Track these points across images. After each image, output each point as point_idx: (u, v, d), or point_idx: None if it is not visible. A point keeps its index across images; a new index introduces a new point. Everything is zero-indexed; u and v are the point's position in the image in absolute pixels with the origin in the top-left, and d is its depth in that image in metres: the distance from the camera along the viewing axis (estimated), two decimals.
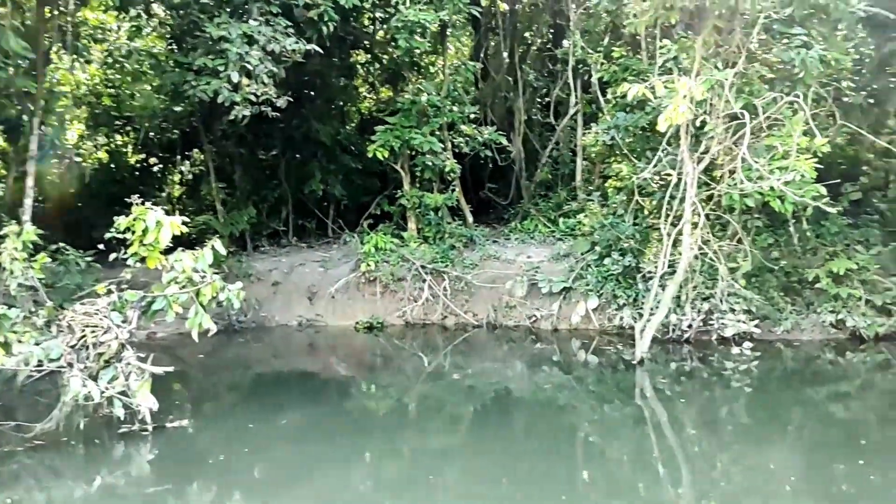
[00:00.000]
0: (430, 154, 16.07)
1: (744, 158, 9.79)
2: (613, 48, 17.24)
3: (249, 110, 11.91)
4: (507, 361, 13.55)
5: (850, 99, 13.06)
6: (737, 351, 12.52)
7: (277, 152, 19.01)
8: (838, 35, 12.86)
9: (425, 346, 14.45)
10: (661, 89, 9.54)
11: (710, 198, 11.40)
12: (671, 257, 12.00)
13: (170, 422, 8.49)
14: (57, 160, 16.93)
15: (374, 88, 22.68)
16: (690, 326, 13.11)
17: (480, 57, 21.13)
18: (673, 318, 12.90)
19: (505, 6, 21.22)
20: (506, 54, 21.64)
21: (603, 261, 14.38)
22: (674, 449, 9.03)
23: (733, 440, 9.30)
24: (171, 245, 8.55)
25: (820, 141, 10.78)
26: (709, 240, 11.25)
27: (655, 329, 11.91)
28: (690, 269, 11.74)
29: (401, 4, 14.78)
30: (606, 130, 15.48)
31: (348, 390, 11.96)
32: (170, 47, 14.66)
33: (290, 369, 13.49)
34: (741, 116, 10.06)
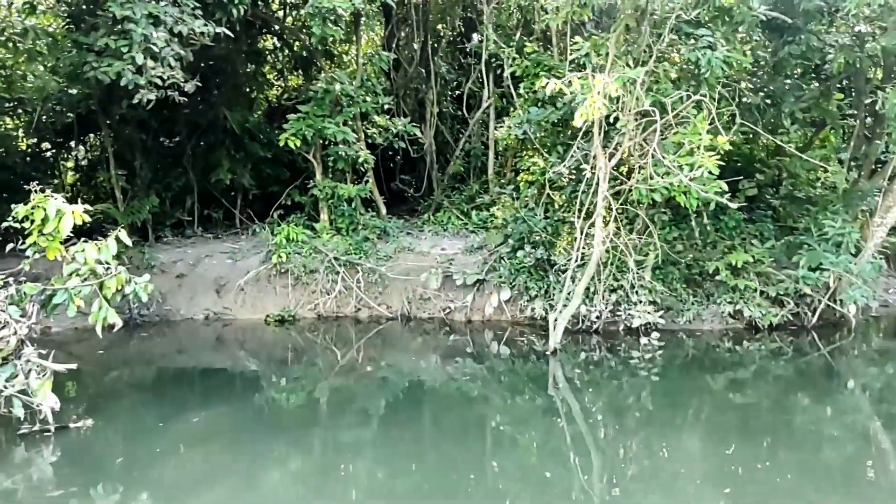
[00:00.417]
0: (343, 144, 15.84)
1: (654, 154, 10.11)
2: (525, 43, 17.45)
3: (155, 94, 11.35)
4: (421, 353, 13.54)
5: (748, 99, 13.71)
6: (645, 341, 13.01)
7: (182, 139, 18.26)
8: (738, 37, 13.51)
9: (338, 339, 14.24)
10: (577, 85, 9.72)
11: (619, 192, 11.72)
12: (582, 250, 12.31)
13: (73, 422, 8.02)
14: None
15: (282, 76, 22.18)
16: (599, 317, 13.53)
17: (392, 48, 21.00)
18: (583, 309, 13.26)
19: None
20: (416, 45, 21.60)
21: (516, 253, 14.59)
22: (584, 436, 9.28)
23: (640, 427, 9.62)
24: (68, 235, 8.08)
25: (722, 139, 11.28)
26: (620, 233, 11.58)
27: (563, 321, 12.17)
28: (601, 261, 12.05)
29: None
30: (519, 125, 15.66)
31: (260, 385, 11.64)
32: (67, 26, 13.79)
33: (199, 365, 13.01)
34: (652, 114, 10.39)
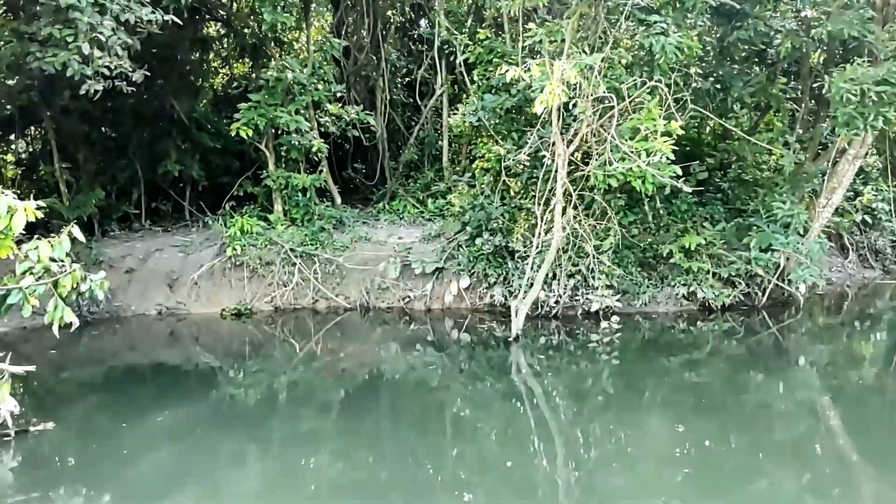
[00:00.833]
0: (296, 133, 15.58)
1: (612, 140, 10.23)
2: (477, 30, 17.42)
3: (102, 85, 10.95)
4: (382, 343, 13.48)
5: (698, 84, 13.98)
6: (605, 325, 13.22)
7: (126, 130, 17.69)
8: (688, 23, 13.73)
9: (296, 331, 14.05)
10: (537, 72, 9.75)
11: (577, 178, 11.83)
12: (541, 237, 12.40)
13: (33, 425, 7.74)
14: None
15: (227, 63, 21.67)
16: (558, 303, 13.68)
17: (342, 35, 20.71)
18: (542, 294, 13.38)
19: None
20: (365, 32, 21.35)
21: (474, 241, 14.61)
22: (548, 420, 9.43)
23: (602, 410, 9.81)
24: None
25: (676, 124, 11.47)
26: (580, 219, 11.70)
27: (524, 306, 12.26)
28: (561, 247, 12.17)
29: None
30: (473, 112, 15.64)
31: (221, 381, 11.36)
32: (5, 15, 13.18)
33: (156, 362, 12.67)
34: (609, 100, 10.50)
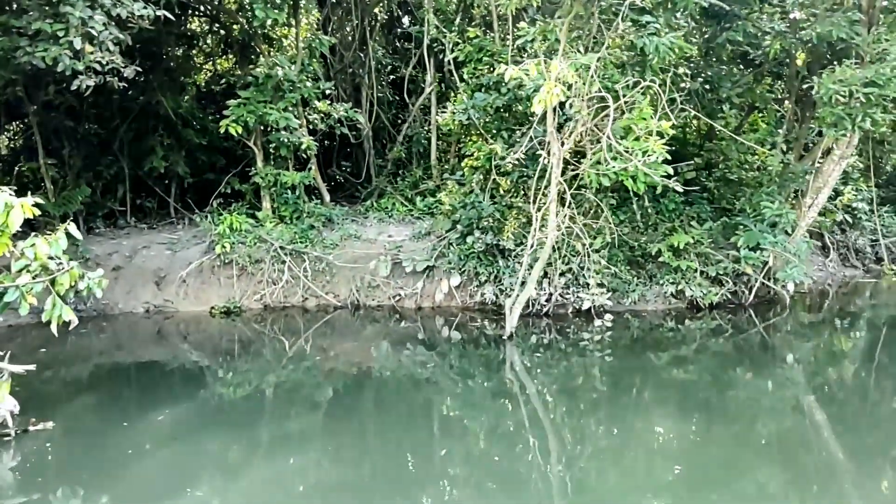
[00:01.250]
0: (285, 131, 15.50)
1: (608, 139, 10.31)
2: (466, 29, 17.46)
3: (94, 80, 10.83)
4: (373, 341, 13.43)
5: (687, 85, 14.12)
6: (598, 323, 13.30)
7: (112, 126, 17.49)
8: (677, 24, 13.86)
9: (286, 329, 13.98)
10: (534, 71, 9.80)
11: (571, 177, 11.90)
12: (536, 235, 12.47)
13: (33, 425, 7.64)
14: None
15: (211, 59, 21.48)
16: (549, 301, 13.76)
17: (328, 32, 20.61)
18: (533, 293, 13.43)
19: None
20: (350, 29, 21.29)
21: (465, 239, 14.64)
22: (543, 418, 9.52)
23: (600, 408, 9.88)
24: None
25: (667, 124, 11.59)
26: (575, 217, 11.77)
27: (518, 305, 12.32)
28: (556, 246, 12.25)
29: None
30: (463, 110, 15.68)
31: (211, 380, 11.25)
32: None
33: (146, 360, 12.51)
34: (606, 100, 10.57)
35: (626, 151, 10.46)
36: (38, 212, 7.79)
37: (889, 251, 19.85)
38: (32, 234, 7.78)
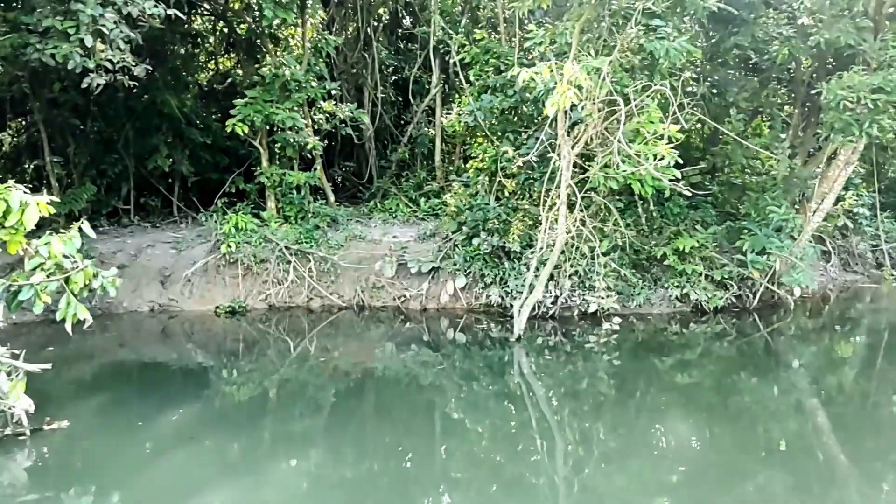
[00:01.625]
0: (291, 131, 15.48)
1: (620, 143, 10.33)
2: (472, 30, 17.48)
3: (104, 78, 10.81)
4: (378, 342, 13.42)
5: (694, 89, 14.15)
6: (607, 326, 13.32)
7: (116, 124, 17.45)
8: (684, 28, 13.91)
9: (291, 329, 13.95)
10: (547, 74, 9.82)
11: (581, 181, 11.91)
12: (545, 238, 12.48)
13: (48, 424, 7.61)
14: None
15: (213, 58, 21.47)
16: (555, 303, 13.77)
17: (332, 32, 20.59)
18: (540, 295, 13.44)
19: None
20: (352, 29, 21.28)
21: (471, 241, 14.64)
22: (549, 421, 9.53)
23: (608, 410, 9.87)
24: None
25: (675, 128, 11.62)
26: (585, 220, 11.79)
27: (527, 307, 12.34)
28: (574, 248, 12.28)
29: None
30: (469, 112, 15.70)
31: (218, 379, 11.24)
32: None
33: (153, 360, 12.49)
34: (617, 103, 10.60)
35: (637, 155, 10.48)
36: (52, 210, 7.79)
37: (890, 256, 19.90)
38: (47, 232, 7.75)
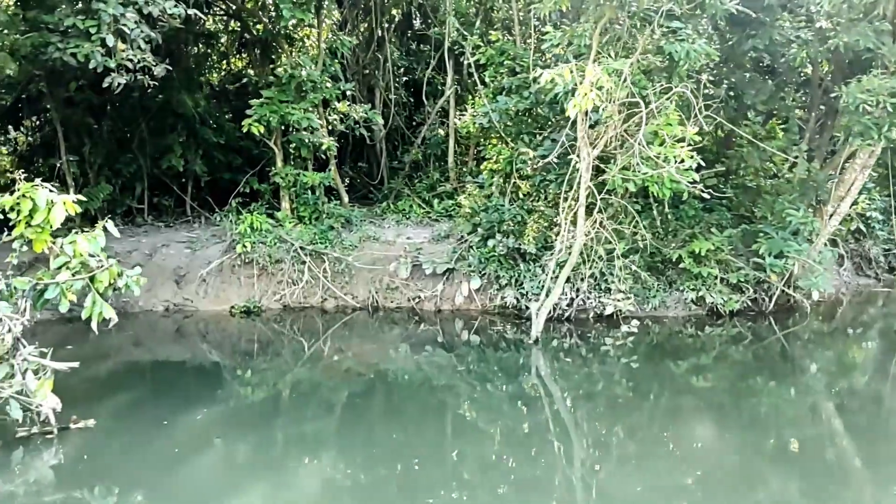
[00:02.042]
0: (306, 131, 15.49)
1: (640, 145, 10.32)
2: (486, 32, 17.48)
3: (125, 78, 10.84)
4: (393, 343, 13.41)
5: (711, 91, 14.10)
6: (625, 329, 13.27)
7: (131, 123, 17.50)
8: (701, 29, 13.89)
9: (305, 329, 13.96)
10: (568, 75, 9.81)
11: (601, 182, 11.90)
12: (556, 239, 12.48)
13: (74, 422, 7.62)
14: None
15: (225, 58, 21.51)
16: (571, 305, 13.74)
17: (344, 32, 20.59)
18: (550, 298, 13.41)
19: None
20: (363, 29, 21.28)
21: (486, 242, 14.60)
22: (567, 423, 9.55)
23: (628, 415, 9.79)
24: None
25: (693, 130, 11.60)
26: (604, 222, 11.78)
27: (545, 309, 12.31)
28: (590, 250, 12.26)
29: None
30: (484, 114, 15.69)
31: (242, 380, 11.25)
32: (17, 3, 12.89)
33: (174, 359, 12.55)
34: (635, 105, 10.59)
35: (657, 157, 10.47)
36: (78, 209, 7.81)
37: None
38: (72, 231, 7.76)
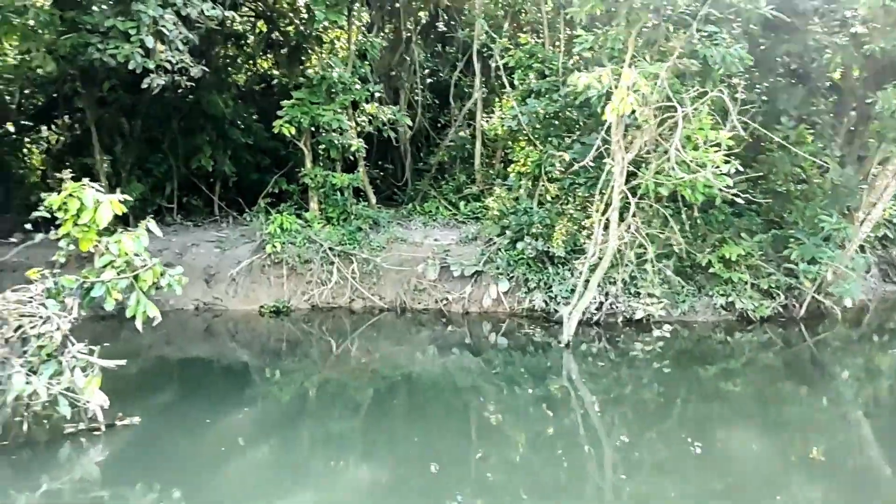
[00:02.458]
0: (336, 132, 15.57)
1: (677, 149, 10.29)
2: (516, 34, 17.48)
3: (164, 79, 10.95)
4: (421, 345, 13.40)
5: (744, 96, 14.01)
6: (657, 333, 13.22)
7: (162, 124, 17.65)
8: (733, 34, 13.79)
9: (334, 330, 14.02)
10: (606, 79, 9.81)
11: (634, 186, 11.87)
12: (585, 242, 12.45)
13: (119, 419, 7.72)
14: None
15: (252, 60, 21.62)
16: (600, 309, 13.69)
17: (372, 34, 20.65)
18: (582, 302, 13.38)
19: None
20: (388, 30, 21.30)
21: (515, 245, 14.61)
22: (596, 428, 9.56)
23: (660, 420, 9.78)
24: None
25: (726, 134, 11.55)
26: (639, 227, 11.75)
27: (577, 313, 12.30)
28: (620, 254, 12.24)
29: None
30: (513, 116, 15.69)
31: (274, 380, 11.37)
32: (57, 4, 13.02)
33: (207, 357, 12.68)
34: (670, 109, 10.56)
35: (693, 161, 10.44)
36: (124, 208, 7.91)
37: None
38: (119, 230, 7.86)
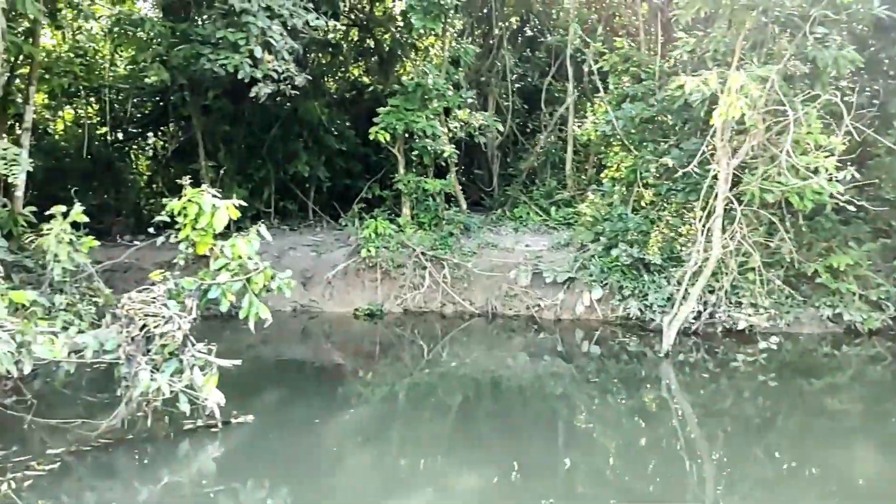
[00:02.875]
0: (429, 139, 15.73)
1: (787, 154, 9.95)
2: (611, 38, 17.27)
3: (270, 88, 11.33)
4: (512, 351, 13.37)
5: (852, 99, 13.41)
6: (764, 345, 12.74)
7: (261, 130, 18.27)
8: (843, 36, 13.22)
9: (426, 334, 14.15)
10: (713, 83, 9.58)
11: (740, 193, 11.54)
12: (687, 250, 12.17)
13: (234, 417, 8.02)
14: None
15: (344, 67, 22.08)
16: (698, 319, 13.31)
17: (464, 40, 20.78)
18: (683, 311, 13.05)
19: None
20: (477, 34, 21.35)
21: (609, 251, 14.38)
22: (692, 441, 9.19)
23: (761, 434, 9.33)
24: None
25: (837, 139, 11.08)
26: (744, 235, 11.41)
27: (677, 322, 12.02)
28: (721, 262, 11.92)
29: None
30: (607, 122, 15.50)
31: (390, 381, 11.68)
32: (166, 16, 13.73)
33: (304, 358, 13.06)
34: (779, 113, 10.22)
35: (805, 167, 10.06)
36: (238, 213, 8.21)
37: None
38: (234, 234, 8.17)
